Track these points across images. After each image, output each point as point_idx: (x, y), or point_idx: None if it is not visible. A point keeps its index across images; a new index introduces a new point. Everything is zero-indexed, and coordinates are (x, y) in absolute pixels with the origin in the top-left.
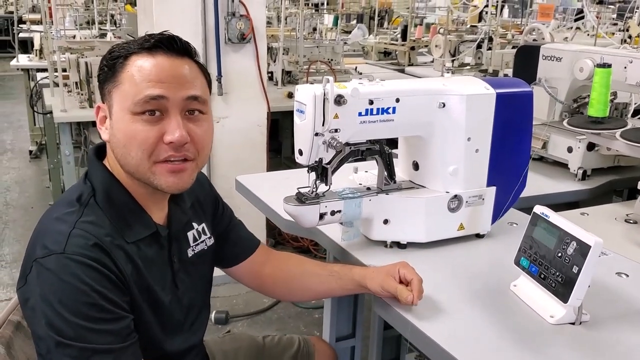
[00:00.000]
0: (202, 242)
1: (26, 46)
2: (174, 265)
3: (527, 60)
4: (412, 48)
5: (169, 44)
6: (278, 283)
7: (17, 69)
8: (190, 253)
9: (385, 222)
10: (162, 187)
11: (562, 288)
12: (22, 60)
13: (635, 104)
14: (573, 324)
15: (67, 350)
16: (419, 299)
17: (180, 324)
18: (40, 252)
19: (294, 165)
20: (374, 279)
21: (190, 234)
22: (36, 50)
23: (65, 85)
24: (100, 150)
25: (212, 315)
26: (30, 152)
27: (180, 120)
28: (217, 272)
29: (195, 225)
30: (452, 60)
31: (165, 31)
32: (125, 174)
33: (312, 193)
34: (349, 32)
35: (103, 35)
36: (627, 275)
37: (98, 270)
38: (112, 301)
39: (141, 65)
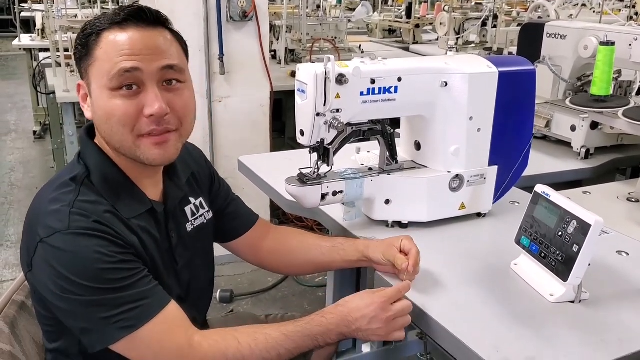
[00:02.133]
0: (200, 216)
1: (28, 25)
2: (172, 240)
3: (531, 38)
4: (417, 26)
5: (139, 16)
6: (278, 256)
7: (20, 49)
8: (189, 228)
9: (387, 202)
10: (148, 161)
11: (562, 267)
12: (25, 40)
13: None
14: (573, 302)
15: (99, 310)
16: (414, 268)
17: (179, 300)
18: (43, 233)
19: (297, 145)
20: (377, 247)
21: (187, 209)
22: (38, 29)
23: (68, 65)
24: (91, 130)
25: (217, 294)
26: (35, 132)
27: (157, 92)
28: (222, 251)
29: (192, 200)
30: (457, 38)
31: (136, 1)
32: (114, 151)
33: (313, 174)
34: (353, 10)
35: None
36: (628, 254)
37: (106, 239)
38: (126, 261)
39: (113, 40)
